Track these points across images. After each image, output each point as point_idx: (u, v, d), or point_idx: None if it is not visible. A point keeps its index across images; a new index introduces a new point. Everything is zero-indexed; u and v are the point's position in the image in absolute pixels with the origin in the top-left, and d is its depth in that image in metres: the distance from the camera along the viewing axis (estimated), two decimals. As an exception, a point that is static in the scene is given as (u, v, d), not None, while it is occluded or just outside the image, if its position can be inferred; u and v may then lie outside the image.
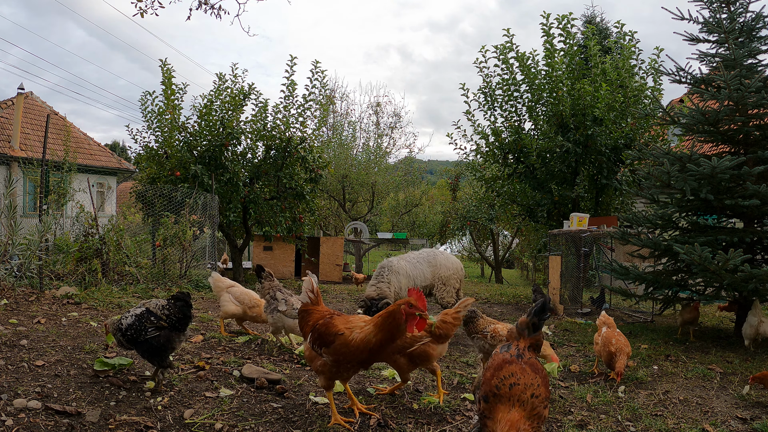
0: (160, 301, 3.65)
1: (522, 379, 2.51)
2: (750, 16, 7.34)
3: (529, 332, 2.85)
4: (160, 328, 3.54)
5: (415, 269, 7.86)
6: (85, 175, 14.38)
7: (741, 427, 3.84)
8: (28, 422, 2.92)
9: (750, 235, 6.87)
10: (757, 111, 6.99)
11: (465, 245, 28.28)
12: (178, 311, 3.59)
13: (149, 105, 12.01)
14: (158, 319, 3.54)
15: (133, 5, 6.22)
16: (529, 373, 2.55)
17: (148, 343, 3.51)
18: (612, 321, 5.26)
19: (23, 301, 6.05)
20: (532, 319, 2.85)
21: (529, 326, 2.86)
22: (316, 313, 3.46)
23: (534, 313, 2.87)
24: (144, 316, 3.56)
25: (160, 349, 3.52)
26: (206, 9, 6.51)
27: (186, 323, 3.63)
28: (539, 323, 2.87)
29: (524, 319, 2.90)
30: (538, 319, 2.85)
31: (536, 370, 2.61)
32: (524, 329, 2.88)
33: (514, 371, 2.55)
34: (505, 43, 11.84)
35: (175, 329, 3.58)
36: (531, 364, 2.64)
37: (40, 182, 7.32)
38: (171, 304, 3.61)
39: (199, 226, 10.16)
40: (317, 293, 3.59)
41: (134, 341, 3.55)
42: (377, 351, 3.19)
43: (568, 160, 11.40)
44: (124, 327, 3.58)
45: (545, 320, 2.86)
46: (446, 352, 6.30)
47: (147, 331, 3.51)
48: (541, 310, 2.85)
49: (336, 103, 24.68)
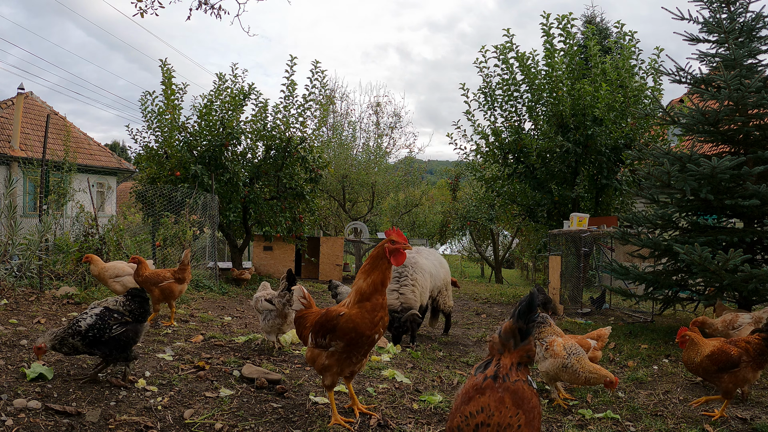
0: (118, 299, 3.79)
1: (496, 416, 1.83)
2: (750, 16, 7.34)
3: (515, 342, 2.09)
4: (124, 324, 3.65)
5: (434, 268, 7.03)
6: (85, 175, 14.37)
7: (741, 427, 3.83)
8: (28, 422, 2.92)
9: (750, 235, 6.87)
10: (757, 111, 6.99)
11: (465, 245, 28.30)
12: (139, 306, 3.76)
13: (149, 105, 12.01)
14: (122, 315, 3.68)
15: (133, 5, 6.22)
16: (508, 407, 1.86)
17: (116, 339, 3.58)
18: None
19: (23, 301, 6.05)
20: (518, 323, 2.10)
21: (515, 334, 2.10)
22: (312, 315, 3.54)
23: (519, 315, 2.10)
24: (106, 314, 3.65)
25: (129, 342, 3.65)
26: (206, 9, 6.51)
27: (146, 315, 3.81)
28: (528, 328, 2.11)
29: (508, 323, 2.15)
30: (526, 323, 2.10)
31: (520, 401, 1.90)
32: (509, 338, 2.11)
33: (486, 404, 1.87)
34: (505, 43, 11.84)
35: (139, 321, 3.75)
36: (513, 392, 1.91)
37: (40, 182, 7.31)
38: (131, 300, 3.77)
39: (199, 226, 10.16)
40: (309, 298, 3.69)
41: (97, 341, 3.55)
42: (374, 293, 3.16)
43: (568, 160, 11.40)
44: (83, 329, 3.54)
45: (536, 323, 2.25)
46: (446, 352, 6.32)
47: (112, 329, 3.59)
48: (528, 309, 2.10)
49: (336, 103, 24.67)
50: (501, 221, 20.90)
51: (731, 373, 3.87)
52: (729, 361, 3.86)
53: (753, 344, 3.91)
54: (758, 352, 3.88)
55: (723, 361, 3.88)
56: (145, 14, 6.33)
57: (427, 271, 6.71)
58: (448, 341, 7.17)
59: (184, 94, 12.17)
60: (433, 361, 5.60)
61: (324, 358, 3.26)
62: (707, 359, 3.94)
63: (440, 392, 4.21)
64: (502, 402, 1.87)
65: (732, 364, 3.86)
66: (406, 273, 6.39)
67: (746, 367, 3.87)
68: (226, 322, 6.58)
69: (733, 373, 3.87)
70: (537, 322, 4.27)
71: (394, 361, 5.20)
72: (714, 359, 3.90)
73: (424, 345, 6.52)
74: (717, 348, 3.95)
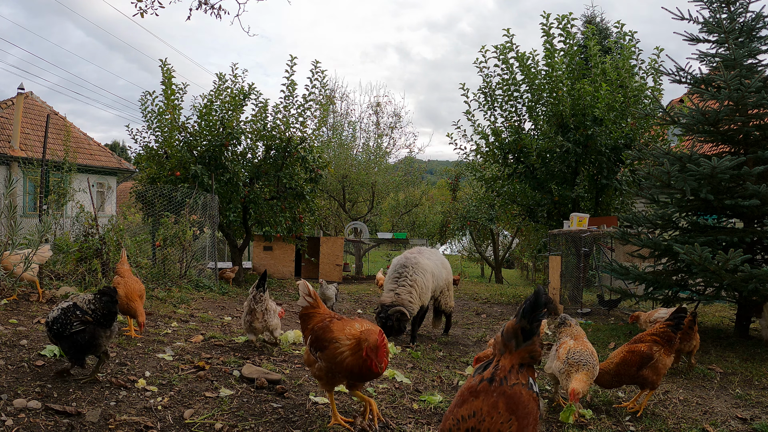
0: (87, 296, 3.60)
1: (486, 422, 1.75)
2: (750, 16, 7.34)
3: (517, 343, 2.01)
4: (85, 323, 3.47)
5: (437, 269, 6.98)
6: (85, 175, 14.37)
7: (741, 427, 3.84)
8: (28, 422, 2.92)
9: (750, 235, 6.87)
10: (757, 111, 6.99)
11: (465, 245, 28.28)
12: (104, 306, 3.53)
13: (149, 105, 12.01)
14: (84, 314, 3.49)
15: (133, 5, 6.21)
16: (500, 413, 1.78)
17: (73, 338, 3.45)
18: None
19: (23, 301, 6.04)
20: (521, 322, 2.02)
21: (517, 333, 2.02)
22: (317, 316, 3.43)
23: (523, 314, 2.02)
24: (70, 310, 3.49)
25: (85, 345, 3.46)
26: (206, 9, 6.51)
27: (111, 319, 3.56)
28: (532, 328, 2.02)
29: (511, 323, 2.08)
30: (530, 323, 2.02)
31: (514, 406, 1.81)
32: (511, 338, 2.03)
33: (479, 409, 1.79)
34: (505, 43, 11.85)
35: (100, 324, 3.52)
36: (508, 397, 1.83)
37: (40, 182, 7.32)
38: (97, 299, 3.55)
39: (199, 226, 10.16)
40: (315, 296, 3.53)
41: (60, 336, 3.47)
42: (353, 374, 3.03)
43: (568, 160, 11.40)
44: (49, 321, 3.50)
45: (540, 322, 2.03)
46: (446, 352, 6.32)
47: (72, 326, 3.45)
48: (532, 308, 2.01)
49: (336, 103, 24.67)
50: (501, 221, 20.89)
51: (650, 366, 3.93)
52: (644, 358, 3.93)
53: (660, 333, 4.05)
54: (666, 338, 4.02)
55: (638, 361, 3.93)
56: (145, 14, 6.32)
57: (429, 271, 6.66)
58: (448, 341, 7.17)
59: (184, 94, 12.17)
60: (433, 361, 5.60)
61: (315, 368, 3.26)
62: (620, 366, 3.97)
63: (440, 392, 4.21)
64: (495, 407, 1.79)
65: (647, 359, 3.94)
66: (405, 274, 6.35)
67: (661, 355, 3.97)
68: (226, 322, 6.58)
69: (652, 366, 3.93)
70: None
71: (394, 361, 5.20)
72: (628, 362, 3.95)
73: (424, 345, 6.53)
74: (626, 352, 4.02)
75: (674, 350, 4.12)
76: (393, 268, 6.58)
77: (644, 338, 4.09)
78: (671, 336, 4.05)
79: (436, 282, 6.87)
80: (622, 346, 4.15)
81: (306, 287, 3.55)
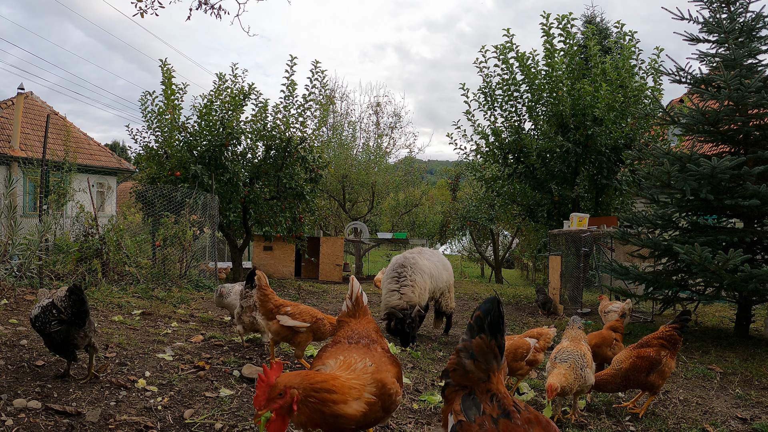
0: (61, 293, 3.47)
1: None
2: (750, 16, 7.34)
3: (498, 362, 1.79)
4: (62, 322, 3.40)
5: (436, 270, 6.89)
6: (85, 175, 14.36)
7: (741, 427, 3.84)
8: (28, 422, 2.92)
9: (750, 235, 6.87)
10: (757, 111, 6.99)
11: (465, 245, 28.29)
12: (72, 305, 3.42)
13: (149, 105, 12.01)
14: (59, 312, 3.41)
15: (133, 5, 6.21)
16: None
17: (52, 336, 3.41)
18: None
19: (23, 301, 6.04)
20: (496, 340, 1.80)
21: (495, 352, 1.79)
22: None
23: (491, 329, 1.79)
24: (48, 308, 3.42)
25: (62, 344, 3.40)
26: (206, 9, 6.51)
27: (83, 318, 3.44)
28: (503, 342, 1.82)
29: (482, 342, 1.80)
30: (502, 336, 1.82)
31: (546, 427, 1.58)
32: (490, 360, 1.78)
33: None
34: (505, 43, 11.84)
35: (72, 324, 3.43)
36: (537, 423, 1.57)
37: (40, 182, 7.31)
38: (67, 297, 3.43)
39: (199, 226, 10.16)
40: (359, 300, 2.88)
41: (42, 333, 3.45)
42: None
43: (568, 160, 11.40)
44: (32, 318, 3.48)
45: (503, 333, 1.82)
46: (446, 352, 6.31)
47: (50, 324, 3.40)
48: (499, 321, 1.80)
49: (336, 103, 24.68)
50: (501, 221, 20.89)
51: (657, 371, 3.91)
52: (653, 363, 3.90)
53: (666, 336, 4.02)
54: (672, 342, 4.01)
55: (647, 366, 3.89)
56: (145, 14, 6.32)
57: (427, 272, 6.63)
58: (448, 341, 7.17)
59: (184, 94, 12.18)
60: (433, 361, 5.59)
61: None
62: (629, 372, 3.92)
63: (440, 392, 4.21)
64: None
65: (656, 364, 3.91)
66: (405, 273, 6.35)
67: (668, 359, 3.94)
68: (226, 322, 6.58)
69: (659, 370, 3.91)
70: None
71: (394, 361, 5.20)
72: (638, 368, 3.90)
73: (424, 345, 6.52)
74: (636, 358, 3.96)
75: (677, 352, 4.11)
76: (391, 267, 6.55)
77: (651, 342, 4.03)
78: (677, 339, 4.02)
79: (435, 283, 6.84)
80: (627, 350, 4.09)
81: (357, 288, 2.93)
